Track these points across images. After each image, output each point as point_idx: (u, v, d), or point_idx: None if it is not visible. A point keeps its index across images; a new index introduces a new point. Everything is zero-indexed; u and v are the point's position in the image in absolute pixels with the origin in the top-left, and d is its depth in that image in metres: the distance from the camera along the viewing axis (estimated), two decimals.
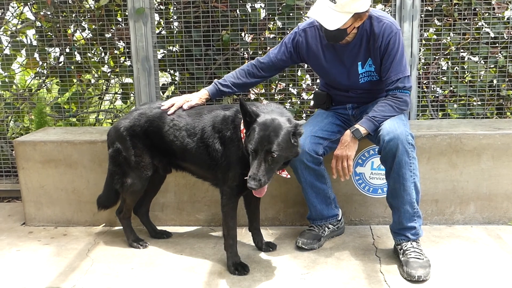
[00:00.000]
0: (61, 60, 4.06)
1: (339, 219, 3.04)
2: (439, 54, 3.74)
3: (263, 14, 3.83)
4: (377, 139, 2.65)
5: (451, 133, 3.11)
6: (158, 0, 3.84)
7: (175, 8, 3.81)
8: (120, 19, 3.96)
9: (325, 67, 2.85)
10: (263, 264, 2.73)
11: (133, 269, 2.72)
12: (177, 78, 4.06)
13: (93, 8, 3.87)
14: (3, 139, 4.11)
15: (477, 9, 3.63)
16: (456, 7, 3.61)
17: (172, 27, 3.95)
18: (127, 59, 3.98)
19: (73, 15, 3.95)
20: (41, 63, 4.07)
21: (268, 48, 3.81)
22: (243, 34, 3.82)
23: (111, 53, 4.07)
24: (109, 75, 4.19)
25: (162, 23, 3.93)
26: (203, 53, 3.77)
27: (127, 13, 3.64)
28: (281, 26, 3.78)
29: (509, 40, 3.64)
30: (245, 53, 3.91)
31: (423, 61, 3.81)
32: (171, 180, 3.20)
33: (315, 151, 2.77)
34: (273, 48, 2.96)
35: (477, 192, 3.15)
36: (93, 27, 3.96)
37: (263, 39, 3.80)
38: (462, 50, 3.72)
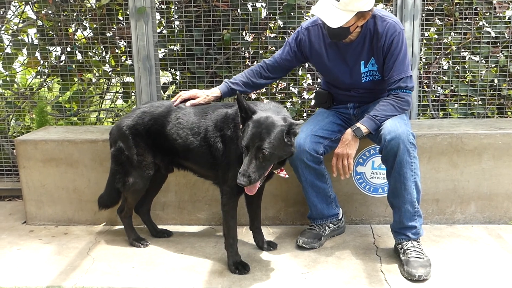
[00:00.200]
0: (62, 59, 4.07)
1: (339, 218, 3.04)
2: (440, 53, 3.74)
3: (264, 13, 3.83)
4: (378, 138, 2.65)
5: (452, 132, 3.11)
6: None
7: (176, 7, 3.81)
8: (121, 18, 3.97)
9: (327, 66, 2.85)
10: (263, 263, 2.74)
11: (134, 268, 2.72)
12: (178, 77, 4.06)
13: (94, 7, 3.87)
14: (4, 138, 4.12)
15: (478, 9, 3.63)
16: (457, 6, 3.61)
17: (173, 26, 3.95)
18: (128, 58, 3.98)
19: (75, 14, 3.96)
20: (42, 62, 4.07)
21: (269, 47, 3.82)
22: (244, 33, 3.82)
23: (112, 52, 4.07)
24: (110, 74, 4.20)
25: (163, 22, 3.93)
26: (204, 52, 3.77)
27: (128, 12, 3.65)
28: (282, 25, 3.78)
29: (510, 39, 3.63)
30: (246, 52, 3.91)
31: (424, 60, 3.81)
32: (172, 179, 3.20)
33: (315, 150, 2.77)
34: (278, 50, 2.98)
35: (477, 191, 3.15)
36: (94, 26, 3.96)
37: (264, 38, 3.80)
38: (463, 49, 3.72)
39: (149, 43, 3.65)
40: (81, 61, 4.05)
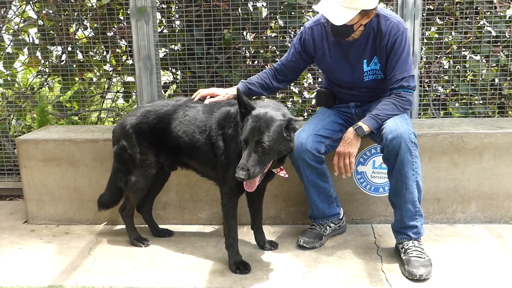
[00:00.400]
0: (63, 58, 4.07)
1: (340, 218, 3.04)
2: (440, 53, 3.74)
3: (264, 12, 3.83)
4: (379, 137, 2.65)
5: (452, 132, 3.11)
6: None
7: (176, 6, 3.81)
8: (122, 18, 3.97)
9: (330, 64, 2.85)
10: (264, 262, 2.74)
11: (135, 268, 2.72)
12: (178, 76, 4.06)
13: (95, 6, 3.87)
14: (5, 138, 4.12)
15: (479, 8, 3.63)
16: (457, 6, 3.60)
17: (174, 26, 3.95)
18: (129, 58, 3.99)
19: (75, 14, 3.96)
20: (43, 61, 4.08)
21: (270, 47, 3.82)
22: (244, 33, 3.82)
23: (113, 51, 4.07)
24: (111, 73, 4.20)
25: (164, 21, 3.93)
26: (205, 52, 3.77)
27: (129, 12, 3.65)
28: (282, 25, 3.78)
29: (510, 39, 3.63)
30: (246, 52, 3.91)
31: (424, 59, 3.81)
32: (173, 179, 3.21)
33: (317, 149, 2.77)
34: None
35: (478, 191, 3.15)
36: (95, 25, 3.96)
37: (264, 38, 3.79)
38: (463, 49, 3.72)
39: (149, 42, 3.65)
40: (82, 60, 4.05)
